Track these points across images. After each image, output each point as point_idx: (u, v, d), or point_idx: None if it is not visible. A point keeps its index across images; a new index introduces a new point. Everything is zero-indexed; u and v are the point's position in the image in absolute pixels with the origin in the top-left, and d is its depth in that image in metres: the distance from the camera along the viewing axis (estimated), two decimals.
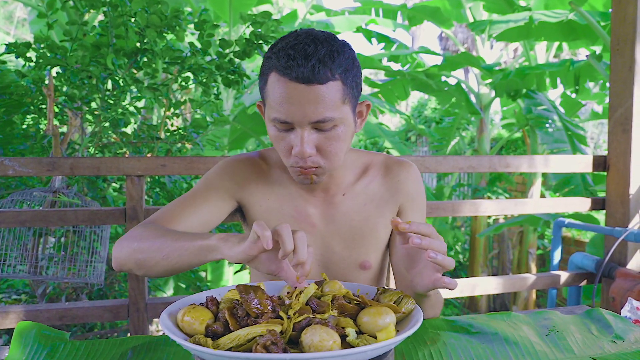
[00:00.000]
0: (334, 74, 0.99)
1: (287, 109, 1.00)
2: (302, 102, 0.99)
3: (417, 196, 1.25)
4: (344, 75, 1.01)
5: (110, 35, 2.60)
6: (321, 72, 0.97)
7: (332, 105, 1.00)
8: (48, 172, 2.06)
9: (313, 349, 0.72)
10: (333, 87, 1.00)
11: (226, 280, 4.44)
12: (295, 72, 0.97)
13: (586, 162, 2.67)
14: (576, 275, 2.71)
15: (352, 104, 1.06)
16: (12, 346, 0.94)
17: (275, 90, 1.01)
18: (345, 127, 1.05)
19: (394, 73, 5.95)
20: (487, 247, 6.74)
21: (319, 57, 0.97)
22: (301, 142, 1.02)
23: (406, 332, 0.77)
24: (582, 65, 4.89)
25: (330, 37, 1.02)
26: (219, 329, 0.80)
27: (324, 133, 1.04)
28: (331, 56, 0.99)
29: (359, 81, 1.07)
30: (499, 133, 8.68)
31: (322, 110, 1.00)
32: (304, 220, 1.21)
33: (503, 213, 2.65)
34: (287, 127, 1.04)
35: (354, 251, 1.23)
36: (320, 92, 0.98)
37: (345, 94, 1.02)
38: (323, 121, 1.01)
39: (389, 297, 0.90)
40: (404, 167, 1.25)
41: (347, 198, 1.22)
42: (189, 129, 3.02)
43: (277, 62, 0.99)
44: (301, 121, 1.01)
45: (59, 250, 2.51)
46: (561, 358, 0.92)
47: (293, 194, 1.22)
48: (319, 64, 0.97)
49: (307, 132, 1.02)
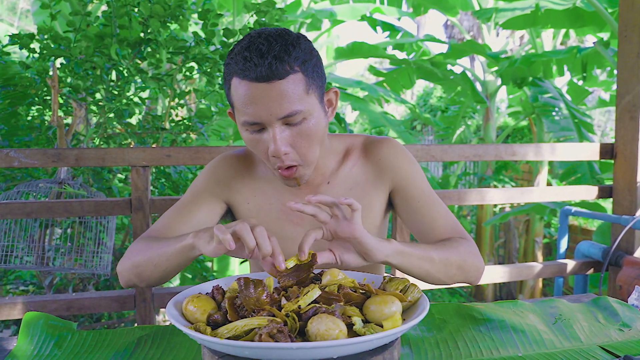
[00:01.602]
0: (292, 67, 1.00)
1: (253, 110, 1.01)
2: (265, 100, 0.99)
3: (406, 168, 1.23)
4: (303, 66, 1.02)
5: (113, 26, 2.59)
6: (279, 67, 0.98)
7: (297, 98, 1.01)
8: (53, 164, 2.06)
9: (319, 338, 0.72)
10: (294, 80, 1.00)
11: (232, 270, 4.45)
12: (253, 72, 0.98)
13: (593, 150, 2.66)
14: (583, 263, 2.71)
15: (317, 94, 1.06)
16: (20, 336, 0.94)
17: (239, 93, 1.02)
18: (316, 117, 1.05)
19: (399, 61, 5.92)
20: (493, 236, 6.73)
21: (274, 54, 0.98)
22: (274, 140, 1.02)
23: (413, 321, 0.77)
24: (589, 53, 4.85)
25: (283, 33, 1.03)
26: (219, 319, 0.81)
27: (296, 128, 1.04)
28: (286, 50, 0.99)
29: (321, 71, 1.07)
30: (505, 121, 8.64)
31: (287, 105, 1.00)
32: (292, 213, 1.22)
33: (509, 201, 2.65)
34: (258, 128, 1.04)
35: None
36: (281, 87, 0.99)
37: (308, 84, 1.03)
38: (290, 115, 1.01)
39: (395, 285, 0.90)
40: (383, 144, 1.23)
41: (332, 186, 1.22)
42: (194, 119, 3.02)
43: (236, 67, 1.01)
44: (269, 119, 1.01)
45: (65, 241, 2.53)
46: (568, 346, 0.92)
47: (279, 189, 1.23)
48: (275, 60, 0.98)
49: (278, 130, 1.02)
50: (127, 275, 1.11)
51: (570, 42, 9.18)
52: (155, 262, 1.05)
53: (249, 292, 0.80)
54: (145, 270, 1.07)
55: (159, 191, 3.15)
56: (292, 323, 0.76)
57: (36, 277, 3.21)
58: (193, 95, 3.87)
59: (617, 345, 0.92)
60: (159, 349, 0.92)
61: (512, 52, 9.55)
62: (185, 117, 3.08)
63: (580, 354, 0.89)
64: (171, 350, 0.92)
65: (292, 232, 1.23)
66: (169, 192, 3.12)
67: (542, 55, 5.08)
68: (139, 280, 1.10)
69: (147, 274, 1.07)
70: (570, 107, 4.85)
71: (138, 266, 1.08)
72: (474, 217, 7.42)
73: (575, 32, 5.57)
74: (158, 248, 1.04)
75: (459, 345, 0.92)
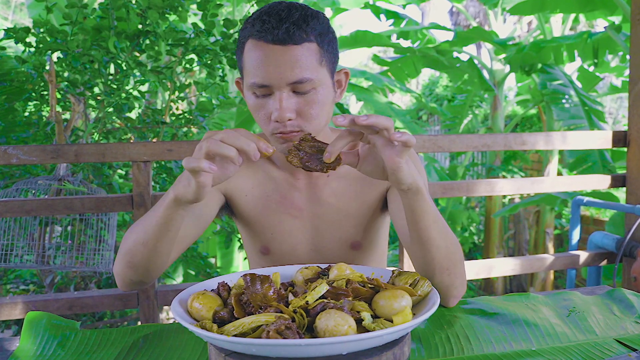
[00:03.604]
0: (308, 35, 1.03)
1: (264, 72, 1.02)
2: (278, 63, 1.01)
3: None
4: (320, 38, 1.05)
5: (111, 18, 2.59)
6: (296, 33, 1.01)
7: (309, 65, 1.03)
8: (52, 160, 2.07)
9: (328, 334, 0.72)
10: (309, 48, 1.03)
11: (236, 266, 4.47)
12: (270, 34, 1.01)
13: (605, 138, 2.64)
14: (596, 255, 2.70)
15: (329, 69, 1.09)
16: (23, 336, 0.95)
17: (252, 55, 1.04)
18: (325, 90, 1.07)
19: (404, 50, 5.89)
20: (503, 227, 6.72)
21: (293, 20, 1.01)
22: (280, 105, 1.03)
23: (423, 315, 0.77)
24: (600, 37, 4.82)
25: (304, 5, 1.06)
26: (225, 316, 0.81)
27: (304, 96, 1.05)
28: (305, 19, 1.03)
29: (335, 49, 1.10)
30: (514, 110, 8.60)
31: (299, 70, 1.02)
32: (290, 206, 1.23)
33: (519, 192, 2.64)
34: (266, 92, 1.05)
35: (342, 233, 1.25)
36: (296, 52, 1.02)
37: (322, 56, 1.05)
38: (301, 82, 1.02)
39: (404, 279, 0.90)
40: None
41: (331, 179, 1.24)
42: (195, 113, 3.02)
43: (252, 29, 1.03)
44: (279, 83, 1.02)
45: (65, 239, 2.53)
46: (583, 339, 0.92)
47: (277, 180, 1.24)
48: (293, 26, 1.01)
49: (285, 95, 1.03)
50: (121, 271, 1.06)
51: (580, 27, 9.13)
52: (142, 240, 1.00)
53: (255, 289, 0.80)
54: (136, 255, 1.02)
55: (161, 186, 3.15)
56: (300, 319, 0.76)
57: (37, 276, 3.23)
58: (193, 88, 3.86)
59: (634, 338, 0.92)
60: (165, 348, 0.93)
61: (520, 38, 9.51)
62: (185, 111, 3.08)
63: (595, 347, 0.89)
64: (177, 348, 0.92)
65: (290, 224, 1.24)
66: None
67: (552, 41, 5.05)
68: (134, 272, 1.04)
69: (138, 258, 1.02)
70: (581, 95, 4.82)
71: (127, 253, 1.03)
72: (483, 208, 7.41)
73: (586, 16, 5.52)
74: (142, 225, 1.01)
75: (470, 340, 0.92)
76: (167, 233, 0.98)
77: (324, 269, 0.96)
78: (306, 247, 1.27)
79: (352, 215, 1.24)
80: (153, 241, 0.99)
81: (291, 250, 1.26)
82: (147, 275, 1.06)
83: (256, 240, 1.29)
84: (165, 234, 0.98)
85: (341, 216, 1.24)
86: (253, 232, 1.28)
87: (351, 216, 1.24)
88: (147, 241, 1.00)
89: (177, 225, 0.98)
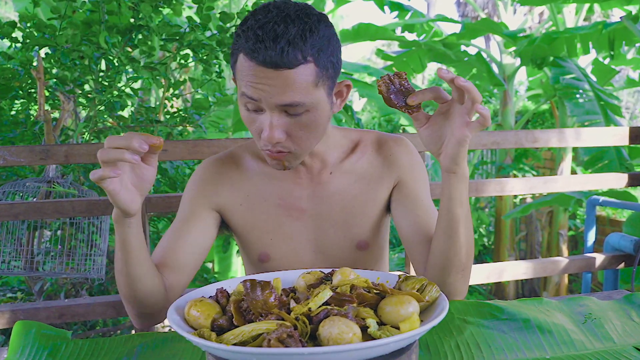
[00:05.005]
0: (305, 56, 0.99)
1: (254, 91, 1.01)
2: (269, 86, 1.00)
3: (414, 167, 1.27)
4: (317, 56, 1.01)
5: (101, 12, 2.59)
6: (290, 55, 0.97)
7: (303, 89, 1.01)
8: (42, 161, 2.07)
9: (332, 342, 0.72)
10: (304, 71, 1.00)
11: (234, 271, 4.47)
12: (262, 55, 0.97)
13: (622, 135, 2.64)
14: (613, 257, 2.70)
15: (327, 87, 1.06)
16: (11, 347, 0.95)
17: (244, 72, 1.02)
18: (319, 112, 1.06)
19: (409, 44, 5.89)
20: (514, 229, 6.72)
21: (289, 39, 0.97)
22: (270, 127, 1.03)
23: (431, 322, 0.76)
24: (616, 28, 4.81)
25: (304, 13, 1.01)
26: (224, 324, 0.81)
27: (295, 118, 1.04)
28: (303, 36, 0.98)
29: (336, 60, 1.07)
30: (525, 105, 8.60)
31: (291, 94, 1.00)
32: (291, 207, 1.24)
33: (531, 192, 2.64)
34: (256, 107, 1.04)
35: (348, 232, 1.25)
36: (289, 76, 0.99)
37: (319, 77, 1.03)
38: (292, 105, 1.02)
39: (411, 284, 0.90)
40: (398, 142, 1.28)
41: (335, 176, 1.24)
42: (190, 111, 3.03)
43: (245, 44, 0.99)
44: (269, 104, 1.02)
45: (55, 244, 2.53)
46: (600, 347, 0.92)
47: (277, 178, 1.24)
48: (289, 47, 0.97)
49: (276, 117, 1.03)
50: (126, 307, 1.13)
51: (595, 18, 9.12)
52: (119, 269, 1.06)
53: (255, 295, 0.80)
54: (121, 286, 1.09)
55: (155, 188, 3.15)
56: (302, 327, 0.76)
57: (25, 283, 3.23)
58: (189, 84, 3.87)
59: None
60: (161, 357, 0.93)
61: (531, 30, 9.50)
62: (180, 109, 3.08)
63: (613, 356, 0.89)
64: (173, 358, 0.93)
65: (290, 227, 1.25)
66: (166, 189, 3.13)
67: (565, 32, 5.04)
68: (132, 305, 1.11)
69: (123, 288, 1.08)
70: (596, 88, 4.82)
71: (118, 286, 1.10)
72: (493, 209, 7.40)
73: (600, 5, 5.51)
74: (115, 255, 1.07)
75: (481, 347, 0.92)
76: (129, 254, 1.03)
77: (327, 273, 0.96)
78: (309, 249, 1.26)
79: (359, 213, 1.25)
80: (124, 267, 1.05)
81: (293, 254, 1.26)
82: (145, 306, 1.10)
83: (254, 248, 1.28)
84: (128, 255, 1.03)
85: (347, 214, 1.24)
86: (250, 240, 1.28)
87: (357, 214, 1.25)
88: (121, 269, 1.06)
89: (134, 243, 1.02)
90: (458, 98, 0.97)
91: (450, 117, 1.00)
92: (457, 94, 0.97)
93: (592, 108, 4.66)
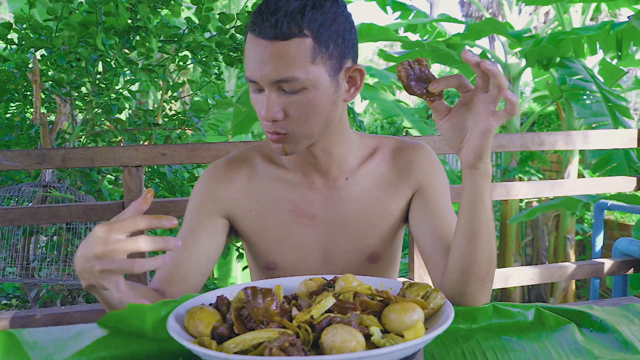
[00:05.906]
0: (301, 29, 0.99)
1: (251, 67, 1.03)
2: (262, 59, 1.00)
3: (434, 173, 1.23)
4: (317, 31, 1.01)
5: (98, 13, 2.59)
6: (284, 26, 0.98)
7: (296, 64, 1.00)
8: (37, 166, 2.07)
9: (335, 351, 0.72)
10: (299, 44, 1.00)
11: (234, 277, 4.47)
12: (259, 27, 1.00)
13: (631, 137, 2.64)
14: (622, 262, 2.69)
15: (329, 66, 1.04)
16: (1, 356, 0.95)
17: (247, 48, 1.04)
18: (318, 92, 1.04)
19: (412, 44, 5.90)
20: (520, 233, 6.71)
21: (287, 10, 0.99)
22: (265, 104, 1.03)
23: (436, 330, 0.76)
24: (624, 28, 4.80)
25: None
26: (225, 332, 0.81)
27: (292, 96, 1.03)
28: (302, 10, 0.99)
29: (343, 41, 1.05)
30: (530, 107, 8.60)
31: (282, 69, 1.00)
32: (303, 213, 1.20)
33: (537, 196, 2.63)
34: (257, 87, 1.05)
35: (360, 243, 1.22)
36: (282, 49, 0.99)
37: (316, 52, 1.01)
38: (285, 81, 1.01)
39: (415, 291, 0.90)
40: (417, 148, 1.24)
41: (350, 183, 1.21)
42: (189, 113, 3.03)
43: (251, 20, 1.03)
44: (262, 80, 1.02)
45: (51, 249, 2.54)
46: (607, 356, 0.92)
47: (289, 182, 1.21)
48: (285, 18, 0.98)
49: (273, 94, 1.03)
50: None
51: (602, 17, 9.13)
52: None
53: (256, 302, 0.80)
54: None
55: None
56: (304, 335, 0.76)
57: (20, 289, 3.23)
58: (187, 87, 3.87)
59: None
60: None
61: (537, 30, 9.51)
62: (179, 111, 3.09)
63: None
64: None
65: (300, 235, 1.22)
66: (164, 193, 3.12)
67: (571, 32, 5.04)
68: None
69: None
70: (603, 90, 4.82)
71: None
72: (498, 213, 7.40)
73: (608, 5, 5.53)
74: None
75: (487, 356, 0.92)
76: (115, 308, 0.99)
77: (329, 280, 0.95)
78: (318, 259, 1.23)
79: (373, 223, 1.22)
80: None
81: (301, 263, 1.23)
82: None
83: (262, 256, 1.25)
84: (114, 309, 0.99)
85: (360, 224, 1.21)
86: (259, 247, 1.25)
87: (372, 224, 1.22)
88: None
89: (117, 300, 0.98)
90: (483, 85, 0.92)
91: (473, 106, 0.95)
92: (482, 81, 0.92)
93: (599, 110, 4.66)
